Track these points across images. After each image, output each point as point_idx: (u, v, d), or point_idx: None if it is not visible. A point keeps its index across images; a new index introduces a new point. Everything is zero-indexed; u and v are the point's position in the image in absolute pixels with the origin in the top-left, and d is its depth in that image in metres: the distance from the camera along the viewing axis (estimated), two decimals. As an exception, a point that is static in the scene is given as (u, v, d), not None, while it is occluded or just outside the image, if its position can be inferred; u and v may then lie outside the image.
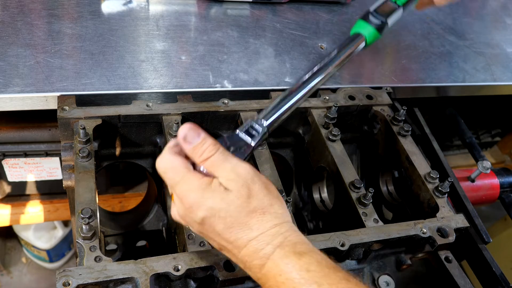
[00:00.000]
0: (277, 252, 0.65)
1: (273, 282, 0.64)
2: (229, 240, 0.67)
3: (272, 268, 0.64)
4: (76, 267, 0.76)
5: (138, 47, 1.18)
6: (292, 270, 0.63)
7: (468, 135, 1.49)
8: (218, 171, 0.68)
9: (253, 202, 0.67)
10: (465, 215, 1.09)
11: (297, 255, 0.64)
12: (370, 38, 1.07)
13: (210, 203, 0.66)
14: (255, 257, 0.66)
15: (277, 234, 0.66)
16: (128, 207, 1.62)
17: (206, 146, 0.70)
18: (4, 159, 1.35)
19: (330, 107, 1.14)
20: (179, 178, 0.69)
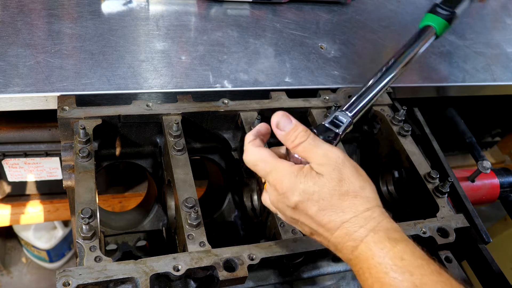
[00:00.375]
0: (370, 236, 0.66)
1: (365, 265, 0.65)
2: (322, 223, 0.69)
3: (365, 251, 0.66)
4: (76, 267, 0.76)
5: (138, 47, 1.18)
6: (386, 256, 0.64)
7: (468, 135, 1.49)
8: (310, 156, 0.71)
9: (345, 185, 0.68)
10: (465, 215, 1.09)
11: (392, 241, 0.65)
12: (440, 29, 1.07)
13: (303, 187, 0.69)
14: (348, 239, 0.67)
15: (370, 218, 0.68)
16: (128, 207, 1.62)
17: (298, 132, 0.72)
18: (4, 159, 1.35)
19: (330, 107, 1.14)
20: (271, 168, 0.72)
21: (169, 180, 1.01)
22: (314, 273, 1.00)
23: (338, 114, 0.85)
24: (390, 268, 0.63)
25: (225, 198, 1.31)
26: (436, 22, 1.07)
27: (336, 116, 0.84)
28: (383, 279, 0.63)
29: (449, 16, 1.07)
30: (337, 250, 0.71)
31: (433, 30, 1.07)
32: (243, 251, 0.84)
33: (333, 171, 0.69)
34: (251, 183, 1.16)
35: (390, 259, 0.64)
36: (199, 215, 0.87)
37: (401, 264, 0.63)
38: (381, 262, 0.64)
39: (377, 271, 0.64)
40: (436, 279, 0.62)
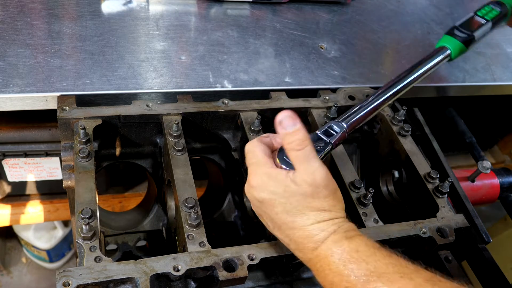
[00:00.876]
0: (330, 238, 0.71)
1: (325, 262, 0.70)
2: (285, 221, 0.74)
3: (324, 250, 0.70)
4: (76, 267, 0.76)
5: (138, 47, 1.18)
6: (343, 252, 0.69)
7: (468, 135, 1.49)
8: (298, 167, 0.73)
9: (315, 203, 0.73)
10: (465, 215, 1.09)
11: (348, 239, 0.71)
12: (456, 51, 1.07)
13: (272, 188, 0.74)
14: (309, 241, 0.72)
15: (332, 224, 0.73)
16: (128, 207, 1.62)
17: (297, 137, 0.73)
18: (4, 159, 1.35)
19: (330, 107, 1.14)
20: (254, 160, 0.78)
21: (169, 180, 1.01)
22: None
23: (333, 124, 0.86)
24: (348, 261, 0.68)
25: (225, 198, 1.31)
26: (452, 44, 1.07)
27: (331, 126, 0.86)
28: (342, 272, 0.68)
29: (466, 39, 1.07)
30: (297, 249, 0.75)
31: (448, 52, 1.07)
32: (243, 251, 0.84)
33: (309, 187, 0.72)
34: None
35: (347, 254, 0.69)
36: (199, 215, 0.87)
37: (357, 255, 0.68)
38: (340, 258, 0.69)
39: (336, 265, 0.69)
40: (387, 262, 0.68)
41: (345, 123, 0.88)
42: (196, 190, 0.93)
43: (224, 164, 1.26)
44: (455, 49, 1.07)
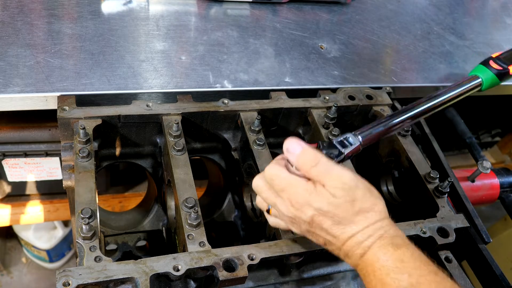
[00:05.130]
0: (377, 243, 0.72)
1: (370, 268, 0.71)
2: (335, 235, 0.75)
3: (371, 256, 0.72)
4: (76, 267, 0.76)
5: (138, 47, 1.18)
6: (389, 259, 0.70)
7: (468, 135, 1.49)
8: (324, 179, 0.75)
9: (357, 205, 0.74)
10: (465, 215, 1.09)
11: (394, 246, 0.71)
12: (487, 82, 1.05)
13: (318, 204, 0.74)
14: (357, 248, 0.73)
15: (379, 228, 0.74)
16: (128, 207, 1.62)
17: (308, 155, 0.76)
18: (4, 159, 1.35)
19: (330, 107, 1.14)
20: (286, 183, 0.77)
21: (169, 180, 1.01)
22: (314, 273, 1.00)
23: (349, 135, 0.88)
24: (391, 270, 0.69)
25: (225, 198, 1.31)
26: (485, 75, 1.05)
27: (347, 137, 0.88)
28: (384, 280, 0.69)
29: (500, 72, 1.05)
30: (346, 256, 0.76)
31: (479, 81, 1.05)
32: (243, 251, 0.84)
33: (347, 194, 0.73)
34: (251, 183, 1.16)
35: (392, 262, 0.70)
36: (199, 215, 0.87)
37: (401, 266, 0.69)
38: (384, 265, 0.70)
39: (380, 273, 0.70)
40: (431, 279, 0.68)
41: (361, 137, 0.89)
42: (196, 190, 0.93)
43: (224, 164, 1.26)
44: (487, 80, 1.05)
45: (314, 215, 0.75)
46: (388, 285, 0.68)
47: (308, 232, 0.79)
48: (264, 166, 1.02)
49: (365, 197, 0.75)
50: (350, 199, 0.74)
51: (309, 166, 0.75)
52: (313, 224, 0.76)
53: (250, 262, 0.83)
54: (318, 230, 0.76)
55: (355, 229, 0.74)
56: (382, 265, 0.70)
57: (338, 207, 0.73)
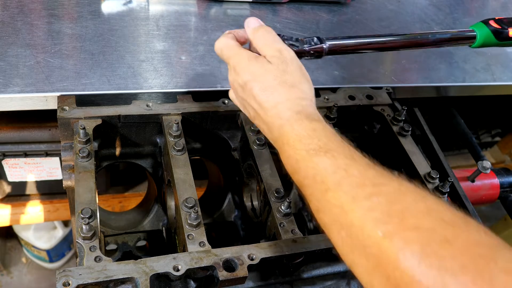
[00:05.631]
0: (294, 116, 0.77)
1: (285, 139, 0.76)
2: (261, 102, 0.80)
3: (287, 127, 0.76)
4: (76, 267, 0.76)
5: (138, 47, 1.18)
6: (303, 129, 0.75)
7: (468, 135, 1.49)
8: (267, 50, 0.83)
9: (286, 76, 0.80)
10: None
11: (309, 119, 0.76)
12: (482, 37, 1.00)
13: (253, 69, 0.81)
14: (277, 118, 0.78)
15: (298, 104, 0.79)
16: (128, 207, 1.62)
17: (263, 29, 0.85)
18: (4, 159, 1.35)
19: (330, 107, 1.14)
20: (233, 53, 0.85)
21: (169, 180, 1.01)
22: (314, 273, 1.00)
23: (316, 38, 0.93)
24: (303, 137, 0.74)
25: (225, 198, 1.31)
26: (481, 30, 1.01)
27: (313, 38, 0.93)
28: (296, 146, 0.74)
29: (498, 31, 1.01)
30: (269, 130, 0.81)
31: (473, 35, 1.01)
32: (243, 251, 0.84)
33: (281, 63, 0.81)
34: (251, 183, 1.16)
35: (304, 131, 0.74)
36: (199, 215, 0.87)
37: (313, 133, 0.74)
38: (297, 134, 0.74)
39: (293, 140, 0.74)
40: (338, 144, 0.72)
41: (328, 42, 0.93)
42: (196, 190, 0.93)
43: (224, 164, 1.26)
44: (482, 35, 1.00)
45: (249, 80, 0.81)
46: (298, 150, 0.73)
47: (242, 100, 0.86)
48: (264, 166, 1.02)
49: (295, 72, 0.82)
50: (281, 69, 0.80)
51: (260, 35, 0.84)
52: (246, 89, 0.82)
53: (250, 262, 0.83)
54: (249, 97, 0.82)
55: (277, 98, 0.79)
56: (296, 134, 0.74)
57: (269, 72, 0.80)
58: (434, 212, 0.57)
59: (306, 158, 0.71)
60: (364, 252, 0.59)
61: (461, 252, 0.51)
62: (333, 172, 0.67)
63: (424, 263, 0.51)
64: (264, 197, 1.00)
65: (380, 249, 0.56)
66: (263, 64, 0.81)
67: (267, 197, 0.97)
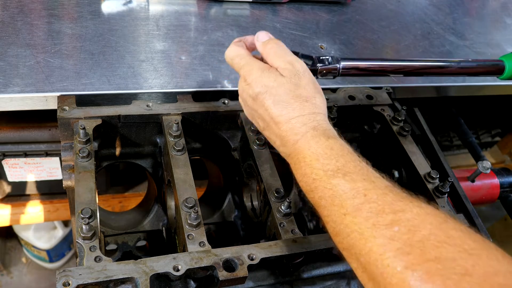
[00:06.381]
0: (310, 132, 0.77)
1: (301, 155, 0.75)
2: (273, 115, 0.80)
3: (303, 144, 0.76)
4: (76, 267, 0.76)
5: (138, 47, 1.18)
6: (319, 147, 0.74)
7: (468, 135, 1.49)
8: (278, 62, 0.83)
9: (300, 90, 0.80)
10: (465, 215, 1.09)
11: (326, 137, 0.76)
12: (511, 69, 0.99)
13: (266, 81, 0.81)
14: (291, 133, 0.78)
15: (313, 119, 0.78)
16: (128, 207, 1.62)
17: (273, 42, 0.85)
18: (4, 159, 1.35)
19: (330, 107, 1.14)
20: (244, 62, 0.85)
21: (169, 180, 1.01)
22: (314, 273, 1.00)
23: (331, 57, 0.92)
24: (321, 156, 0.73)
25: (225, 198, 1.31)
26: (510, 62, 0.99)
27: (328, 58, 0.92)
28: (314, 165, 0.73)
29: None
30: (282, 144, 0.81)
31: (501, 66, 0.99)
32: (243, 251, 0.84)
33: (294, 76, 0.80)
34: (251, 183, 1.16)
35: (322, 149, 0.74)
36: (199, 215, 0.87)
37: (330, 152, 0.73)
38: (314, 152, 0.74)
39: (311, 159, 0.74)
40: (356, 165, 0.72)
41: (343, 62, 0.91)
42: (196, 190, 0.93)
43: (224, 164, 1.26)
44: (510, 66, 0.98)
45: (260, 92, 0.80)
46: (315, 169, 0.72)
47: (252, 110, 0.85)
48: (264, 166, 1.02)
49: (308, 86, 0.81)
50: (294, 82, 0.80)
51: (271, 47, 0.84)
52: (257, 101, 0.81)
53: (250, 262, 0.83)
54: (260, 108, 0.82)
55: (291, 114, 0.78)
56: (313, 152, 0.74)
57: (281, 85, 0.79)
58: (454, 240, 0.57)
59: (324, 178, 0.70)
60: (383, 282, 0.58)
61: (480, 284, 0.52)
62: (353, 197, 0.66)
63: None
64: (264, 197, 1.00)
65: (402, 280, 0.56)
66: (276, 77, 0.80)
67: (267, 197, 0.97)
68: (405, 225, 0.60)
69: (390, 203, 0.63)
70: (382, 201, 0.64)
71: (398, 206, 0.63)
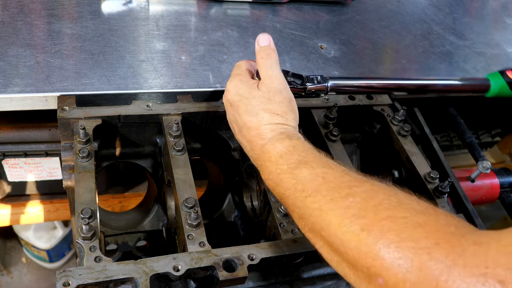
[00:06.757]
0: (276, 137, 0.82)
1: (267, 156, 0.80)
2: (245, 122, 0.86)
3: (269, 146, 0.81)
4: (76, 267, 0.76)
5: (138, 47, 1.18)
6: (283, 146, 0.79)
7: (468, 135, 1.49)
8: (262, 73, 0.88)
9: (272, 105, 0.85)
10: (465, 215, 1.09)
11: (290, 138, 0.81)
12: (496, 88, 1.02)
13: (241, 91, 0.87)
14: (259, 138, 0.83)
15: (281, 128, 0.83)
16: (128, 207, 1.62)
17: (266, 50, 0.90)
18: (4, 159, 1.35)
19: (330, 107, 1.14)
20: (237, 71, 0.93)
21: (169, 180, 1.01)
22: (314, 273, 1.00)
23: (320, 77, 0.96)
24: (284, 153, 0.78)
25: (225, 198, 1.31)
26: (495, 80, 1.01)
27: (317, 77, 0.97)
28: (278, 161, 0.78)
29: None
30: (250, 148, 0.86)
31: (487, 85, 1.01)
32: (243, 251, 0.84)
33: (267, 92, 0.85)
34: (251, 183, 1.16)
35: (285, 148, 0.79)
36: (199, 215, 0.87)
37: (293, 150, 0.78)
38: (279, 151, 0.79)
39: (275, 157, 0.79)
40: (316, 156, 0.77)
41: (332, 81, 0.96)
42: (196, 190, 0.93)
43: (224, 164, 1.26)
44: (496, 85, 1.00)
45: (234, 100, 0.88)
46: (280, 165, 0.77)
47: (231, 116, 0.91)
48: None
49: (282, 103, 0.85)
50: (267, 97, 0.85)
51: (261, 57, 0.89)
52: (233, 107, 0.89)
53: (250, 262, 0.83)
54: (235, 113, 0.88)
55: (260, 121, 0.83)
56: (277, 151, 0.79)
57: (254, 98, 0.85)
58: (405, 204, 0.62)
59: (287, 171, 0.76)
60: (344, 249, 0.62)
61: (433, 233, 0.56)
62: (312, 180, 0.71)
63: (401, 247, 0.55)
64: (264, 197, 1.00)
65: (360, 241, 0.60)
66: (251, 90, 0.87)
67: (267, 197, 0.97)
68: (359, 195, 0.65)
69: (346, 182, 0.69)
70: (339, 181, 0.70)
71: (353, 183, 0.68)
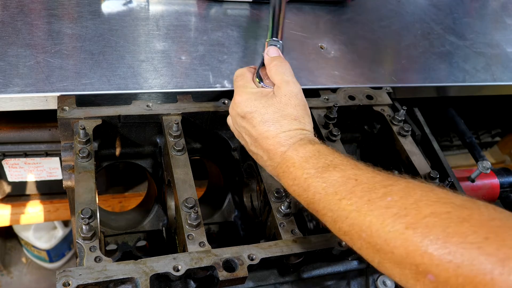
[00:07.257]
0: (297, 143, 0.81)
1: (290, 162, 0.79)
2: (261, 132, 0.84)
3: (291, 152, 0.80)
4: (76, 267, 0.76)
5: (138, 47, 1.18)
6: (307, 151, 0.78)
7: (468, 135, 1.49)
8: (277, 78, 0.88)
9: (289, 109, 0.84)
10: (465, 215, 1.09)
11: (312, 143, 0.80)
12: None
13: (255, 102, 0.86)
14: (279, 146, 0.82)
15: (301, 133, 0.83)
16: (128, 207, 1.62)
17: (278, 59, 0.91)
18: (4, 159, 1.36)
19: (330, 107, 1.14)
20: (242, 83, 0.91)
21: (169, 180, 1.01)
22: (314, 273, 1.00)
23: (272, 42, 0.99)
24: (310, 158, 0.77)
25: (225, 198, 1.31)
26: None
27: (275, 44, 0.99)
28: (303, 166, 0.77)
29: None
30: (269, 158, 0.84)
31: None
32: (243, 251, 0.84)
33: (283, 96, 0.85)
34: (251, 183, 1.16)
35: (310, 153, 0.78)
36: (199, 215, 0.87)
37: (318, 154, 0.77)
38: (303, 156, 0.78)
39: (300, 162, 0.78)
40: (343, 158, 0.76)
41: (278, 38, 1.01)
42: (196, 190, 0.93)
43: (224, 164, 1.26)
44: None
45: (249, 111, 0.85)
46: (306, 169, 0.76)
47: (240, 128, 0.90)
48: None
49: (298, 107, 0.85)
50: (284, 101, 0.84)
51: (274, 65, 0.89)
52: (246, 119, 0.86)
53: (250, 262, 0.83)
54: (249, 125, 0.86)
55: (279, 128, 0.82)
56: (301, 156, 0.78)
57: (271, 105, 0.84)
58: (444, 199, 0.61)
59: (316, 175, 0.74)
60: (389, 248, 0.61)
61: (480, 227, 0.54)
62: (344, 182, 0.70)
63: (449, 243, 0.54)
64: (264, 197, 1.00)
65: (405, 239, 0.58)
66: (268, 99, 0.85)
67: (267, 197, 0.97)
68: (396, 194, 0.64)
69: (380, 182, 0.68)
70: (372, 181, 0.68)
71: (387, 183, 0.67)
